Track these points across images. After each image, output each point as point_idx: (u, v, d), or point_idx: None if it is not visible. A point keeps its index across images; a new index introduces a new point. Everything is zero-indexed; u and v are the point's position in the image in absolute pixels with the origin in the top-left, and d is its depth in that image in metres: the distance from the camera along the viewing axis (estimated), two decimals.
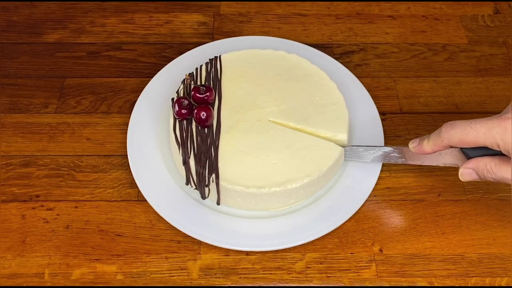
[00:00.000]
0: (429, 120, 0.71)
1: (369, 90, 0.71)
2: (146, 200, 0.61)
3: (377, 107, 0.69)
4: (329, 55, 0.74)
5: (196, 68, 0.67)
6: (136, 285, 0.58)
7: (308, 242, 0.60)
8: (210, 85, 0.65)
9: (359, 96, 0.70)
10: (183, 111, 0.61)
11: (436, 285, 0.58)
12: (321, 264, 0.59)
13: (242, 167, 0.60)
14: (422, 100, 0.73)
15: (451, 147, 0.54)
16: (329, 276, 0.58)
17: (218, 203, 0.61)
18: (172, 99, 0.63)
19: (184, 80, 0.65)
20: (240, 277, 0.58)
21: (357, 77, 0.72)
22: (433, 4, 0.83)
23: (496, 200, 0.64)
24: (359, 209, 0.62)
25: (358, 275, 0.58)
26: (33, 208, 0.62)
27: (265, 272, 0.59)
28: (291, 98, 0.65)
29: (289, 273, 0.59)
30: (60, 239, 0.60)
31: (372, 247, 0.60)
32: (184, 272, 0.58)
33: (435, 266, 0.59)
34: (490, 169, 0.52)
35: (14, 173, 0.65)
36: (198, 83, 0.66)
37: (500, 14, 0.82)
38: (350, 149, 0.63)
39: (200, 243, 0.60)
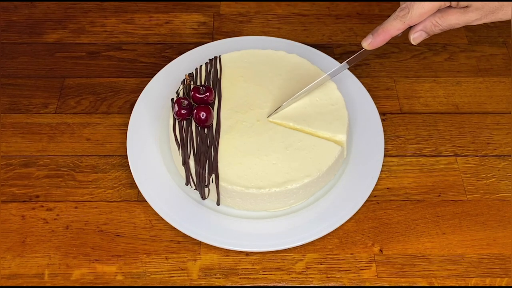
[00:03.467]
0: (429, 120, 0.71)
1: (369, 90, 0.71)
2: (146, 200, 0.61)
3: (377, 107, 0.69)
4: (329, 55, 0.74)
5: (196, 68, 0.67)
6: (136, 286, 0.57)
7: (308, 243, 0.60)
8: (210, 85, 0.65)
9: (359, 96, 0.70)
10: (182, 111, 0.61)
11: (436, 285, 0.58)
12: (321, 264, 0.59)
13: (242, 167, 0.60)
14: (422, 100, 0.73)
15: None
16: (329, 277, 0.58)
17: (218, 204, 0.61)
18: (172, 99, 0.63)
19: (183, 80, 0.65)
20: (240, 278, 0.58)
21: (357, 77, 0.72)
22: None
23: (497, 200, 0.64)
24: (359, 209, 0.62)
25: (358, 276, 0.58)
26: (33, 208, 0.62)
27: (265, 273, 0.59)
28: (291, 98, 0.65)
29: (289, 274, 0.59)
30: (60, 240, 0.60)
31: (372, 248, 0.60)
32: (184, 273, 0.58)
33: (435, 266, 0.59)
34: (436, 22, 0.57)
35: (14, 174, 0.65)
36: (198, 83, 0.66)
37: None
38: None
39: (200, 243, 0.60)
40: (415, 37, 0.59)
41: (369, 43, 0.59)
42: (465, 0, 0.55)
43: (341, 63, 0.73)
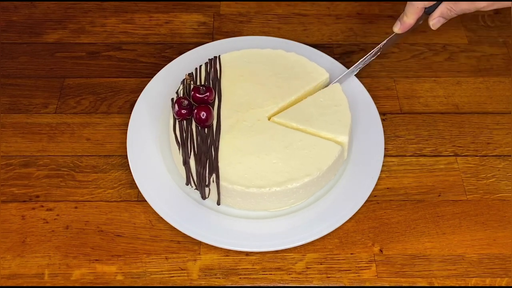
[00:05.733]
0: (429, 120, 0.71)
1: (369, 90, 0.71)
2: (146, 201, 0.61)
3: (377, 107, 0.69)
4: (329, 55, 0.74)
5: (196, 68, 0.67)
6: (136, 286, 0.57)
7: (308, 243, 0.60)
8: (210, 85, 0.65)
9: (359, 96, 0.70)
10: (183, 111, 0.61)
11: (436, 285, 0.58)
12: (321, 264, 0.59)
13: (242, 166, 0.60)
14: (422, 100, 0.73)
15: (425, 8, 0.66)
16: (329, 277, 0.58)
17: (218, 203, 0.61)
18: (172, 99, 0.63)
19: (183, 80, 0.65)
20: (240, 278, 0.58)
21: (357, 77, 0.72)
22: None
23: (497, 200, 0.64)
24: (359, 209, 0.62)
25: (358, 276, 0.58)
26: (33, 208, 0.62)
27: (265, 273, 0.59)
28: (290, 97, 0.65)
29: (289, 274, 0.59)
30: (60, 240, 0.60)
31: (372, 248, 0.60)
32: (184, 273, 0.58)
33: (435, 266, 0.59)
34: (450, 8, 0.65)
35: (14, 174, 0.65)
36: (198, 83, 0.66)
37: (500, 14, 0.82)
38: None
39: (200, 243, 0.60)
40: (435, 23, 0.67)
41: (398, 27, 0.68)
42: None
43: (340, 62, 0.73)
